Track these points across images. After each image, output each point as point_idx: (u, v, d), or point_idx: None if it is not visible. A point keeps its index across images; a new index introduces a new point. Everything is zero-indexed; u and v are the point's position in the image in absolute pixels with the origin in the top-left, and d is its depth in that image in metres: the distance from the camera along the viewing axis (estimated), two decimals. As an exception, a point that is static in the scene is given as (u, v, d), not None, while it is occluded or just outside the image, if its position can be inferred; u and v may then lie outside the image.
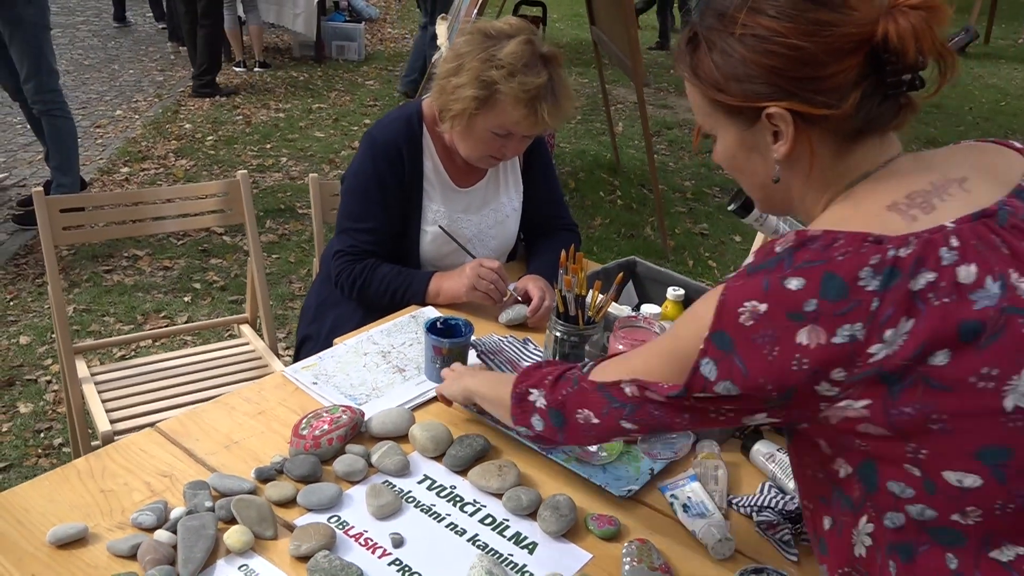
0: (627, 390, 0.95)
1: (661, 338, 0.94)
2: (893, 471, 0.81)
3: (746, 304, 0.82)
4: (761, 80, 0.86)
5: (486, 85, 1.66)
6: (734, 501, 1.23)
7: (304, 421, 1.31)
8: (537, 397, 1.08)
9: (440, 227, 1.82)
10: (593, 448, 1.31)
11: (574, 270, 1.39)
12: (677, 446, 1.32)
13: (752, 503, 1.20)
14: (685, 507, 1.20)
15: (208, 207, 2.21)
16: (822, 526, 0.91)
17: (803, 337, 0.79)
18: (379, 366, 1.55)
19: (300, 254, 3.87)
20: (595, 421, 1.00)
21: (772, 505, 1.19)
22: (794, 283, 0.79)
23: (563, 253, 1.42)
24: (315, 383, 1.48)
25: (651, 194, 4.94)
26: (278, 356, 2.22)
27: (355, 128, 5.82)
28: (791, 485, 1.24)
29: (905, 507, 0.82)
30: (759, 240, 2.28)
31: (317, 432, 1.28)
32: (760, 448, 1.32)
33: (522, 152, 1.83)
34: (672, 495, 1.23)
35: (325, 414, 1.33)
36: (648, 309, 1.57)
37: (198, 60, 6.13)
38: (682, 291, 1.62)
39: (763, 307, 0.81)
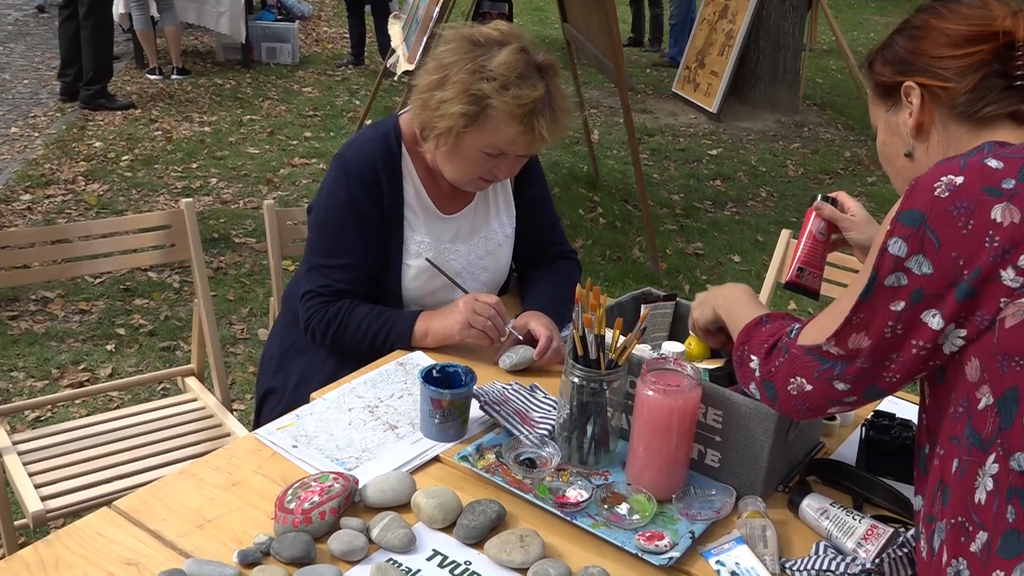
0: (832, 350, 1.13)
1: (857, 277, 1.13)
2: None
3: (942, 179, 1.03)
4: (906, 61, 1.18)
5: (476, 99, 1.67)
6: (788, 565, 1.24)
7: (290, 492, 1.30)
8: (756, 366, 1.24)
9: (427, 260, 1.82)
10: (623, 511, 1.33)
11: (593, 307, 1.41)
12: (718, 504, 1.34)
13: (810, 567, 1.22)
14: (734, 575, 1.21)
15: (146, 242, 2.18)
16: (950, 471, 1.07)
17: (997, 213, 0.99)
18: (367, 423, 1.54)
19: (240, 290, 3.83)
20: (808, 388, 1.16)
21: (832, 568, 1.21)
22: (993, 162, 1.03)
23: (578, 288, 1.44)
24: (295, 446, 1.46)
25: (636, 210, 5.02)
26: (231, 412, 2.19)
27: (294, 142, 5.80)
28: (849, 544, 1.26)
29: None
30: (779, 260, 2.33)
31: (306, 505, 1.27)
32: (810, 503, 1.34)
33: (515, 173, 1.85)
34: (718, 561, 1.24)
35: (313, 483, 1.31)
36: (670, 347, 1.59)
37: (84, 66, 6.05)
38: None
39: (960, 179, 1.02)
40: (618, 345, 1.42)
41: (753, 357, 1.25)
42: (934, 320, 1.05)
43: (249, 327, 3.56)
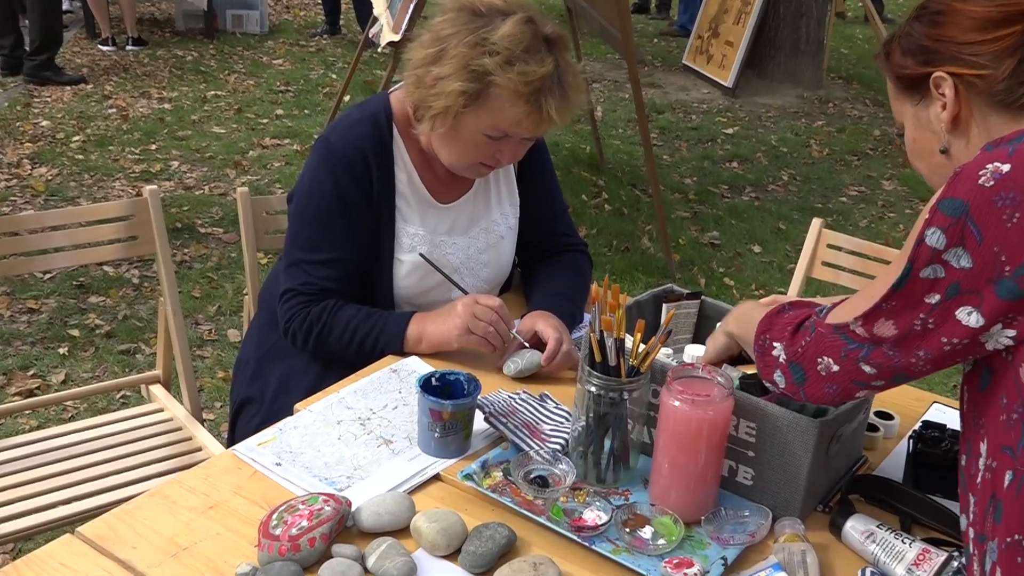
0: (858, 330, 1.15)
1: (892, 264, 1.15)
2: None
3: (988, 166, 1.04)
4: (930, 50, 1.18)
5: (477, 76, 1.66)
6: (831, 594, 1.24)
7: (275, 517, 1.29)
8: (779, 351, 1.25)
9: (421, 255, 1.81)
10: (646, 535, 1.32)
11: (611, 307, 1.40)
12: (752, 527, 1.34)
13: (856, 596, 1.22)
14: (772, 605, 1.21)
15: (105, 235, 2.16)
16: (1002, 485, 1.08)
17: None
18: (358, 437, 1.53)
19: (206, 286, 3.82)
20: (835, 368, 1.19)
21: (881, 598, 1.21)
22: None
23: (595, 286, 1.43)
24: (278, 464, 1.46)
25: (645, 196, 5.02)
26: (201, 423, 2.18)
27: (264, 121, 5.78)
28: (899, 571, 1.26)
29: None
30: (807, 259, 2.33)
31: (294, 530, 1.26)
32: (855, 525, 1.34)
33: (520, 158, 1.84)
34: (754, 590, 1.24)
35: (301, 506, 1.31)
36: (693, 351, 1.59)
37: (30, 35, 5.98)
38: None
39: (1006, 167, 1.03)
40: (639, 350, 1.41)
41: (776, 344, 1.26)
42: (970, 318, 1.06)
43: (218, 327, 3.54)
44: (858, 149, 6.13)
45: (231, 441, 1.96)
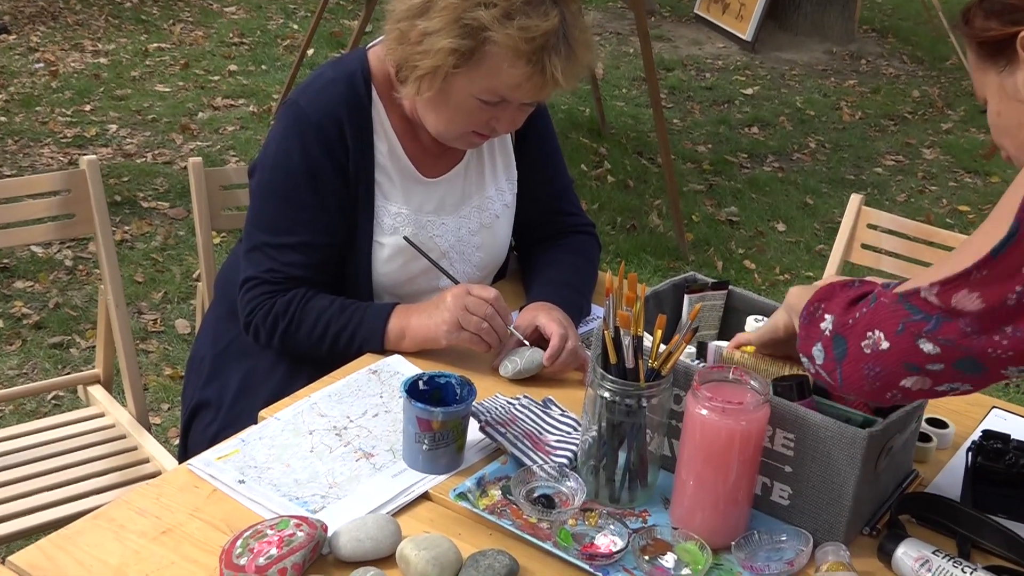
0: (931, 298, 1.14)
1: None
2: None
3: None
4: (1018, 7, 1.18)
5: (471, 32, 1.65)
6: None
7: (239, 543, 1.28)
8: (828, 323, 1.26)
9: (405, 238, 1.80)
10: (668, 563, 1.31)
11: (628, 299, 1.39)
12: (789, 553, 1.33)
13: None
14: (814, 645, 1.20)
15: (35, 212, 2.13)
16: None
17: None
18: (333, 450, 1.52)
19: (150, 269, 3.80)
20: (884, 346, 1.18)
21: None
22: None
23: (609, 275, 1.42)
24: (242, 481, 1.44)
25: (654, 166, 5.02)
26: (148, 430, 2.17)
27: (215, 78, 5.75)
28: (959, 603, 1.26)
29: None
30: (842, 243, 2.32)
31: (262, 559, 1.25)
32: (907, 551, 1.33)
33: (519, 126, 1.82)
34: (793, 627, 1.23)
35: (269, 531, 1.29)
36: (720, 349, 1.57)
37: None
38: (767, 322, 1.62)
39: None
40: (659, 350, 1.40)
41: (828, 315, 1.27)
42: None
43: (164, 317, 3.53)
44: (895, 112, 6.14)
45: (183, 451, 1.96)
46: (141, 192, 4.37)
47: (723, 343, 1.59)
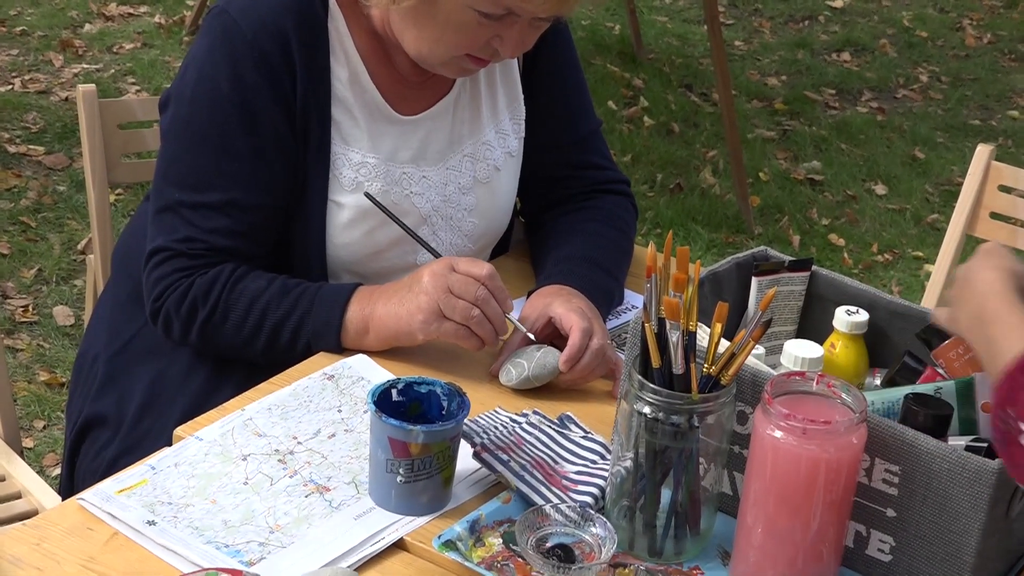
0: None
1: None
2: None
3: None
4: None
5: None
6: None
7: (149, 605, 1.30)
8: None
9: (367, 195, 1.82)
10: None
11: (678, 282, 1.40)
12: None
13: None
14: None
15: None
16: None
17: None
18: (276, 481, 1.53)
19: (18, 238, 3.83)
20: None
21: None
22: None
23: (650, 247, 1.43)
24: (151, 523, 1.45)
25: (708, 105, 5.04)
26: (20, 454, 2.19)
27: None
28: None
29: None
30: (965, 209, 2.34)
31: (180, 627, 1.27)
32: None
33: (528, 48, 1.84)
34: None
35: (190, 589, 1.31)
36: (802, 352, 1.58)
37: None
38: (864, 315, 1.64)
39: None
40: (718, 351, 1.41)
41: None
42: None
43: (38, 303, 3.55)
44: (1037, 35, 6.16)
45: (69, 482, 1.98)
46: (6, 133, 4.39)
47: (812, 345, 1.60)
